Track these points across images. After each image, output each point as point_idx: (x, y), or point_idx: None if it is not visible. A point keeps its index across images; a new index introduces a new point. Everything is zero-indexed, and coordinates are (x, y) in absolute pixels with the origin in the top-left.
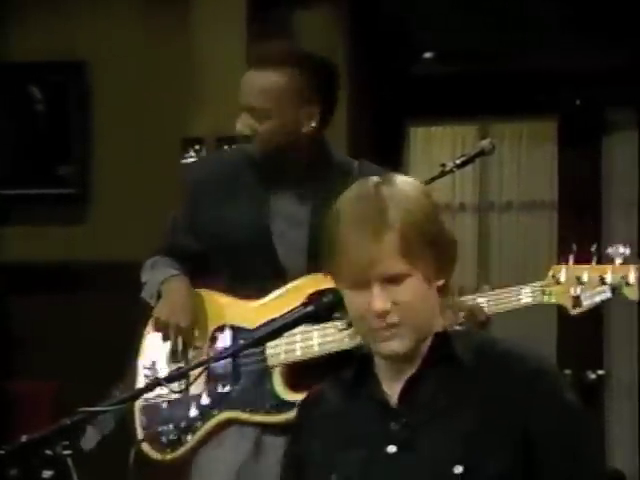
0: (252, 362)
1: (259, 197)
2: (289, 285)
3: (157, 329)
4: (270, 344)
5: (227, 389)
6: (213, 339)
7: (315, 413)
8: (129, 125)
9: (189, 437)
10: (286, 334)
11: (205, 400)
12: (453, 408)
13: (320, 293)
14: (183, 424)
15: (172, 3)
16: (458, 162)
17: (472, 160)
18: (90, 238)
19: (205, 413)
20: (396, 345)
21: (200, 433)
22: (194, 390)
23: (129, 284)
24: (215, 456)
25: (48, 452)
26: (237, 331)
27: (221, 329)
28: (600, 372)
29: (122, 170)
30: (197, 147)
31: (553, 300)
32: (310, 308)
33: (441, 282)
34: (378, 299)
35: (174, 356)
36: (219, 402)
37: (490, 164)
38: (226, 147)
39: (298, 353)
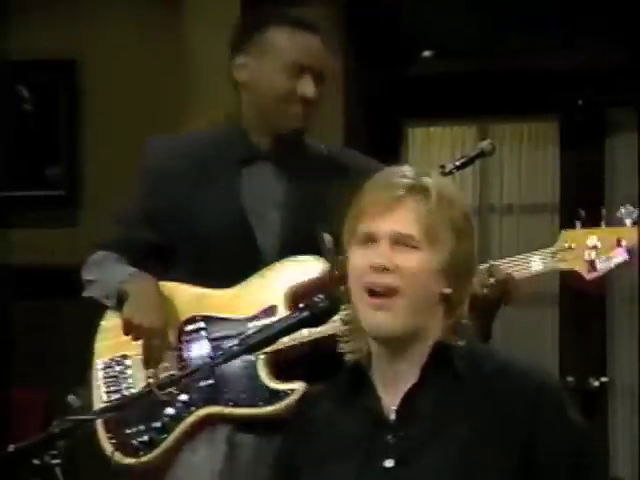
0: (224, 360)
1: (230, 176)
2: (265, 270)
3: (129, 333)
4: (253, 331)
5: (206, 383)
6: (184, 332)
7: (309, 421)
8: (119, 126)
9: (164, 437)
10: (270, 317)
11: (183, 397)
12: (452, 422)
13: (316, 298)
14: (157, 424)
15: (164, 2)
16: (458, 164)
17: (472, 162)
18: (79, 241)
19: (182, 411)
20: (384, 318)
21: (177, 432)
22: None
23: None
24: (189, 463)
25: (36, 462)
26: (211, 321)
27: (192, 321)
28: (603, 379)
29: (112, 172)
30: None
31: (566, 266)
32: (306, 313)
33: (448, 290)
34: (383, 254)
35: (150, 359)
36: (198, 398)
37: (490, 166)
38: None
39: (285, 339)
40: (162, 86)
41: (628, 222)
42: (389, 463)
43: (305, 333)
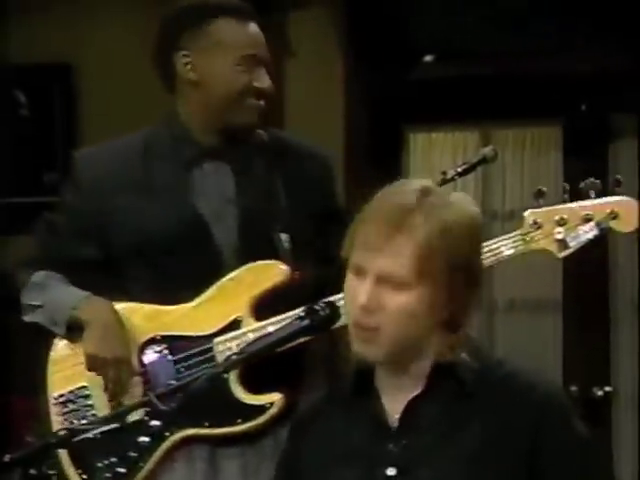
0: (199, 367)
1: (179, 178)
2: (223, 280)
3: (94, 368)
4: (218, 346)
5: (178, 405)
6: (146, 355)
7: (310, 427)
8: (117, 131)
9: (140, 466)
10: (236, 331)
11: (154, 423)
12: (455, 433)
13: (315, 307)
14: (131, 454)
15: (161, 5)
16: (460, 170)
17: (474, 168)
18: None
19: (156, 437)
20: (368, 350)
21: (153, 460)
22: (135, 415)
23: None
24: None
25: (32, 471)
26: (173, 340)
27: (152, 342)
28: (607, 389)
29: None
30: None
31: (537, 246)
32: (306, 322)
33: (446, 315)
34: (366, 293)
35: (116, 391)
36: (171, 422)
37: (493, 172)
38: None
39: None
40: (159, 91)
41: (592, 195)
42: (391, 472)
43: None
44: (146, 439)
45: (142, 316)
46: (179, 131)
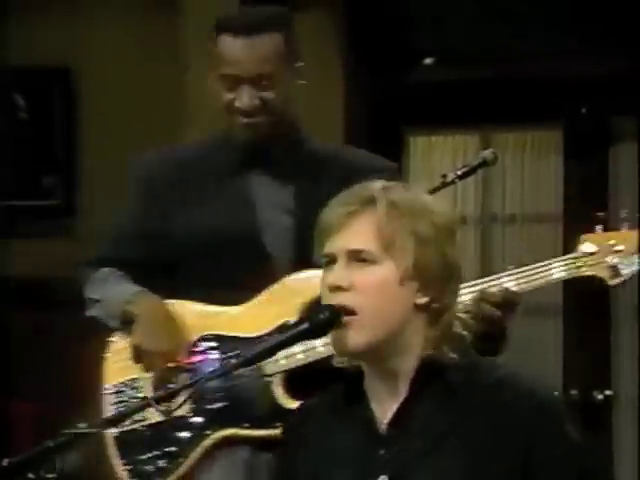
0: (246, 373)
1: (238, 184)
2: (275, 286)
3: (139, 360)
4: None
5: (220, 405)
6: (195, 353)
7: (303, 432)
8: (116, 134)
9: (180, 462)
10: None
11: (196, 420)
12: (446, 438)
13: (316, 309)
14: (172, 449)
15: (161, 8)
16: (459, 173)
17: (474, 171)
18: (75, 253)
19: (197, 434)
20: (344, 337)
21: (193, 456)
22: (179, 411)
23: None
24: None
25: (31, 476)
26: (223, 339)
27: (203, 340)
28: (608, 392)
29: (109, 181)
30: None
31: (588, 272)
32: (305, 325)
33: (423, 300)
34: (336, 273)
35: (159, 385)
36: (212, 420)
37: (493, 175)
38: None
39: (300, 357)
40: (159, 93)
41: None
42: (383, 478)
43: (321, 350)
44: (187, 435)
45: (194, 314)
46: (224, 142)
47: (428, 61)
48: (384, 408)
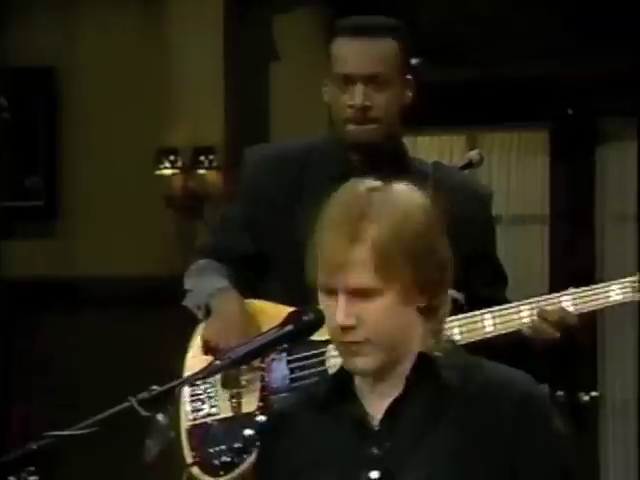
0: (311, 370)
1: (329, 190)
2: None
3: (206, 352)
4: (331, 351)
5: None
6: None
7: (286, 432)
8: (100, 134)
9: (244, 459)
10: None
11: (262, 418)
12: (438, 435)
13: (300, 312)
14: (237, 445)
15: (146, 8)
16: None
17: None
18: (58, 253)
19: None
20: (360, 363)
21: (255, 455)
22: (247, 407)
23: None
24: None
25: (12, 479)
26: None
27: None
28: (594, 394)
29: (92, 181)
30: (172, 158)
31: None
32: (290, 327)
33: (424, 302)
34: (341, 312)
35: (227, 380)
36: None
37: (479, 176)
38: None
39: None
40: (143, 94)
41: None
42: (374, 475)
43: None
44: (251, 432)
45: (271, 315)
46: (334, 144)
47: (414, 61)
48: (376, 405)
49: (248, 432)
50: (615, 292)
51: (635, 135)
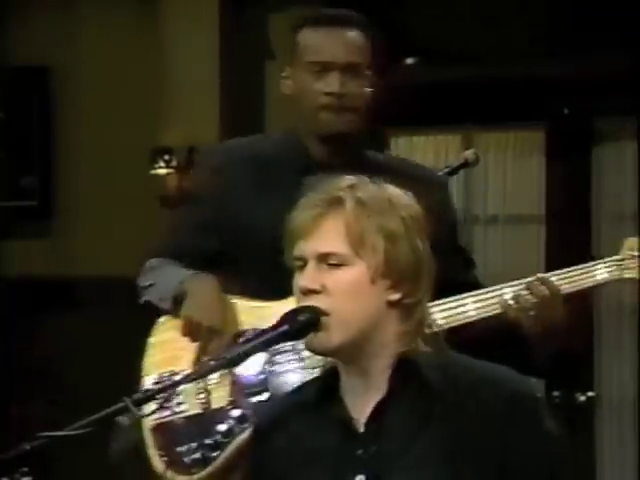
0: (288, 365)
1: (292, 185)
2: None
3: (188, 332)
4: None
5: (259, 398)
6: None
7: (274, 437)
8: (95, 134)
9: (217, 455)
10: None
11: (235, 412)
12: (424, 437)
13: (295, 311)
14: (209, 441)
15: (142, 8)
16: (441, 174)
17: (456, 172)
18: (53, 253)
19: (235, 427)
20: (317, 338)
21: (229, 450)
22: (217, 403)
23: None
24: None
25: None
26: None
27: (243, 334)
28: (590, 394)
29: (87, 181)
30: (167, 157)
31: (632, 275)
32: (285, 327)
33: (396, 296)
34: (308, 276)
35: (198, 362)
36: (252, 413)
37: (474, 176)
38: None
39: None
40: (138, 93)
41: None
42: (360, 478)
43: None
44: (225, 428)
45: (238, 309)
46: (295, 139)
47: (410, 61)
48: (361, 407)
49: (221, 427)
50: (601, 271)
51: (632, 135)
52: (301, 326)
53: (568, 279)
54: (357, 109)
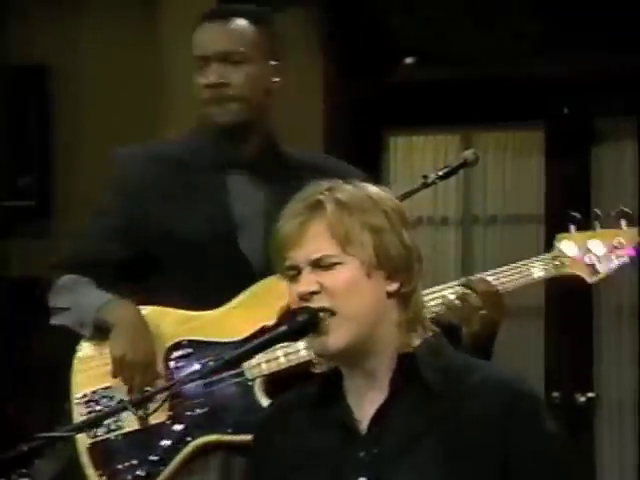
0: (226, 378)
1: (215, 184)
2: (253, 288)
3: (120, 373)
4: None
5: (201, 411)
6: (171, 359)
7: (276, 435)
8: (93, 133)
9: (160, 470)
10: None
11: (177, 427)
12: (426, 439)
13: (294, 312)
14: (153, 457)
15: (139, 5)
16: (440, 174)
17: (455, 172)
18: (51, 253)
19: (179, 441)
20: (331, 338)
21: (174, 464)
22: (156, 418)
23: None
24: None
25: None
26: (199, 345)
27: (178, 347)
28: (590, 395)
29: (85, 181)
30: None
31: (567, 271)
32: (284, 328)
33: (394, 286)
34: (303, 281)
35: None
36: (194, 427)
37: (474, 176)
38: None
39: (282, 360)
40: (137, 92)
41: (623, 223)
42: None
43: (303, 353)
44: (168, 443)
45: (170, 320)
46: (211, 138)
47: (409, 61)
48: (363, 408)
49: (164, 442)
50: (537, 268)
51: (631, 135)
52: (300, 326)
53: (505, 278)
54: (243, 98)
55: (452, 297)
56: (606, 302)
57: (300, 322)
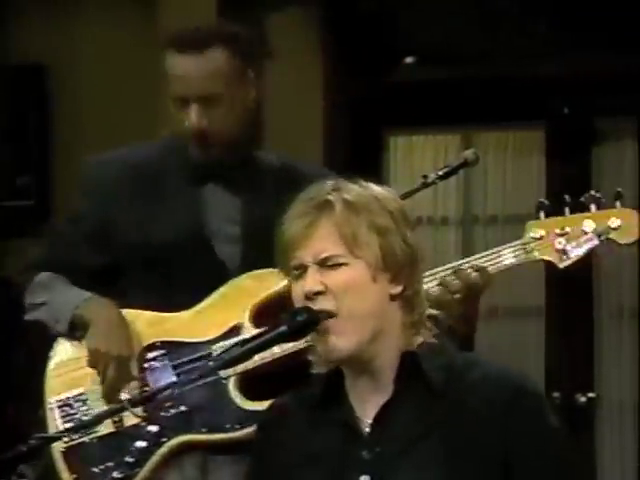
0: (199, 372)
1: (190, 191)
2: (224, 288)
3: (95, 364)
4: (218, 354)
5: (176, 411)
6: (145, 360)
7: (277, 434)
8: (92, 133)
9: (136, 472)
10: (237, 339)
11: (152, 428)
12: (428, 438)
13: (293, 312)
14: (128, 459)
15: (138, 5)
16: (440, 173)
17: (455, 171)
18: None
19: (154, 442)
20: (336, 341)
21: (149, 465)
22: (131, 420)
23: None
24: None
25: None
26: (172, 346)
27: (151, 348)
28: (591, 395)
29: None
30: None
31: (538, 256)
32: (284, 327)
33: (398, 289)
34: (309, 280)
35: (112, 390)
36: (169, 427)
37: (474, 175)
38: None
39: (255, 357)
40: (136, 92)
41: (593, 207)
42: (364, 479)
43: (276, 350)
44: (143, 444)
45: (143, 322)
46: (178, 145)
47: (409, 60)
48: (366, 408)
49: (139, 444)
50: (507, 256)
51: (632, 134)
52: (299, 326)
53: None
54: (222, 139)
55: (431, 284)
56: (607, 302)
57: (300, 322)
